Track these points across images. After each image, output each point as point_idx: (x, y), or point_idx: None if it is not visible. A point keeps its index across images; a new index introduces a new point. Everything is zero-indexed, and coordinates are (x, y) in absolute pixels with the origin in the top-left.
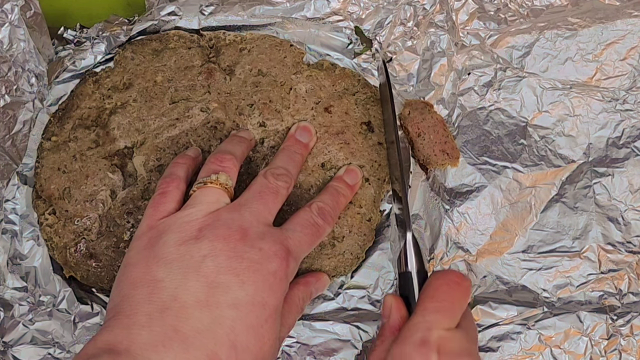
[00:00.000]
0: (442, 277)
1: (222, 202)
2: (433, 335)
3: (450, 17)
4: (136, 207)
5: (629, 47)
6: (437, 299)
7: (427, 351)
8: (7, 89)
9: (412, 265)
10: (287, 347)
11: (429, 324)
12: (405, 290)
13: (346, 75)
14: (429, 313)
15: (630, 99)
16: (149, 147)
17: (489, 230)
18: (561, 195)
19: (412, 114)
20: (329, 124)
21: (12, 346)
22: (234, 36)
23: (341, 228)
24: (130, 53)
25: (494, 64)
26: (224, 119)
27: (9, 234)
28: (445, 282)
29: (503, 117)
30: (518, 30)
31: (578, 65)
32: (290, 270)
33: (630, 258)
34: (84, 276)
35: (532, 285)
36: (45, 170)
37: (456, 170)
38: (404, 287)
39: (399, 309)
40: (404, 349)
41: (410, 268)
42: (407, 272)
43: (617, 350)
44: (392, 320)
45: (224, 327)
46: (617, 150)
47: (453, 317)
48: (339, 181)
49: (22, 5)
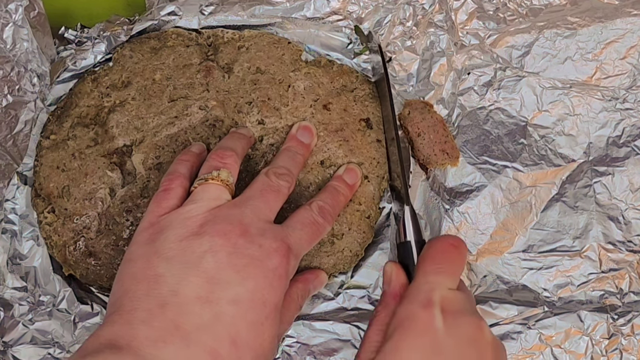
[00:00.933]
0: (440, 241)
1: (224, 199)
2: (436, 295)
3: (450, 16)
4: (135, 205)
5: (629, 46)
6: (437, 262)
7: (431, 310)
8: (10, 89)
9: (410, 235)
10: (287, 347)
11: (431, 285)
12: (404, 259)
13: (344, 72)
14: (430, 275)
15: (630, 97)
16: (147, 145)
17: (489, 229)
18: (561, 195)
19: (412, 113)
20: (327, 121)
21: (12, 346)
22: (232, 34)
23: (340, 225)
24: (129, 51)
25: (494, 64)
26: (223, 117)
27: (8, 234)
28: (443, 246)
29: (503, 116)
30: (517, 29)
31: (578, 64)
32: (290, 267)
33: (631, 257)
34: (83, 274)
35: (532, 285)
36: (44, 168)
37: (456, 170)
38: (403, 256)
39: (399, 276)
40: (408, 309)
41: (410, 238)
42: (406, 242)
43: (618, 349)
44: (393, 286)
45: (224, 323)
46: (618, 150)
47: (454, 278)
48: (339, 180)
49: (27, 5)
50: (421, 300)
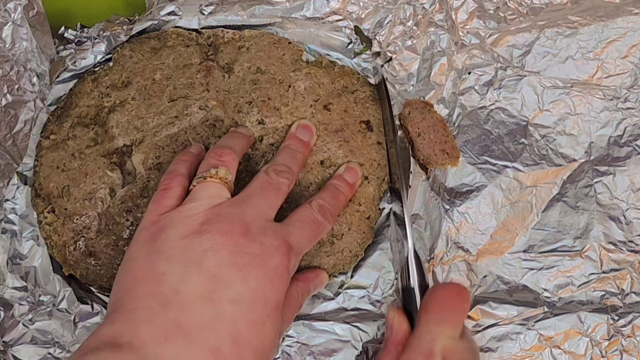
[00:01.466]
0: (442, 288)
1: (223, 197)
2: (437, 345)
3: (450, 16)
4: (135, 205)
5: (630, 45)
6: (439, 310)
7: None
8: (9, 88)
9: (414, 281)
10: (287, 347)
11: (432, 334)
12: (408, 305)
13: (345, 73)
14: (432, 324)
15: (631, 97)
16: (147, 145)
17: (490, 229)
18: (562, 195)
19: (412, 113)
20: (328, 121)
21: (12, 346)
22: (233, 34)
23: (340, 226)
24: (129, 51)
25: (495, 63)
26: (223, 117)
27: (8, 234)
28: (445, 294)
29: (504, 116)
30: (518, 29)
31: (579, 63)
32: (291, 265)
33: (632, 257)
34: (83, 274)
35: (533, 285)
36: (44, 168)
37: (456, 170)
38: (407, 302)
39: (401, 323)
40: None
41: (413, 284)
42: (409, 288)
43: (618, 350)
44: (395, 334)
45: (226, 322)
46: (619, 149)
47: (456, 327)
48: (339, 179)
49: (25, 4)
50: (423, 351)
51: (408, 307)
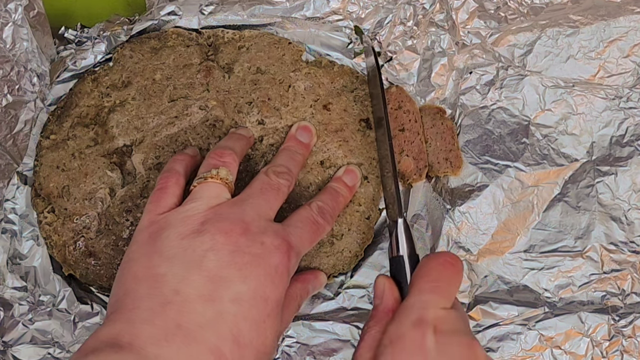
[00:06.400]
0: (436, 258)
1: (223, 197)
2: (429, 314)
3: (450, 16)
4: (135, 205)
5: (632, 44)
6: (432, 279)
7: (423, 330)
8: (10, 89)
9: (403, 250)
10: (287, 347)
11: (424, 303)
12: (397, 274)
13: (345, 72)
14: (424, 293)
15: (634, 96)
16: (147, 145)
17: (491, 229)
18: (564, 195)
19: (422, 118)
20: (327, 121)
21: (11, 346)
22: (233, 34)
23: (340, 226)
24: (129, 51)
25: (496, 63)
26: (223, 117)
27: (8, 234)
28: (439, 263)
29: (505, 116)
30: (519, 28)
31: (580, 63)
32: (291, 265)
33: (633, 258)
34: (83, 274)
35: (533, 285)
36: (44, 168)
37: None
38: (396, 271)
39: (392, 291)
40: (400, 328)
41: (402, 252)
42: (399, 257)
43: (619, 351)
44: (385, 302)
45: (226, 321)
46: (621, 149)
47: (449, 297)
48: (338, 182)
49: (26, 5)
50: (414, 320)
51: (397, 276)
